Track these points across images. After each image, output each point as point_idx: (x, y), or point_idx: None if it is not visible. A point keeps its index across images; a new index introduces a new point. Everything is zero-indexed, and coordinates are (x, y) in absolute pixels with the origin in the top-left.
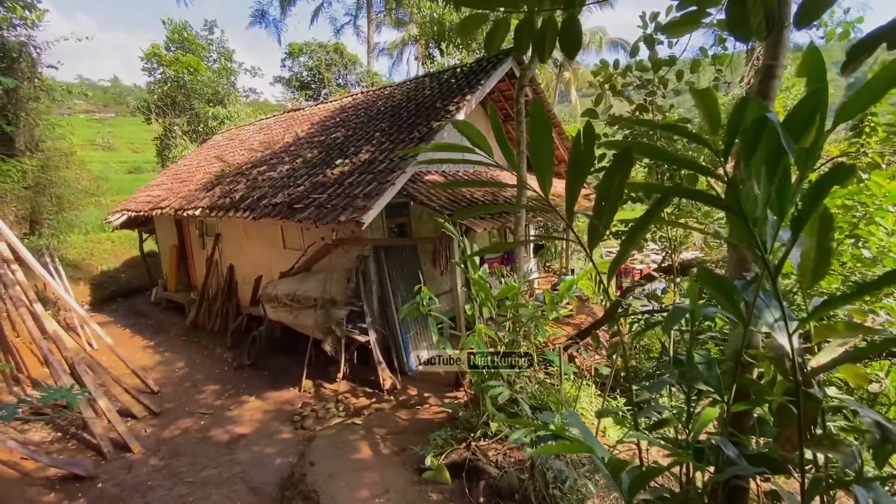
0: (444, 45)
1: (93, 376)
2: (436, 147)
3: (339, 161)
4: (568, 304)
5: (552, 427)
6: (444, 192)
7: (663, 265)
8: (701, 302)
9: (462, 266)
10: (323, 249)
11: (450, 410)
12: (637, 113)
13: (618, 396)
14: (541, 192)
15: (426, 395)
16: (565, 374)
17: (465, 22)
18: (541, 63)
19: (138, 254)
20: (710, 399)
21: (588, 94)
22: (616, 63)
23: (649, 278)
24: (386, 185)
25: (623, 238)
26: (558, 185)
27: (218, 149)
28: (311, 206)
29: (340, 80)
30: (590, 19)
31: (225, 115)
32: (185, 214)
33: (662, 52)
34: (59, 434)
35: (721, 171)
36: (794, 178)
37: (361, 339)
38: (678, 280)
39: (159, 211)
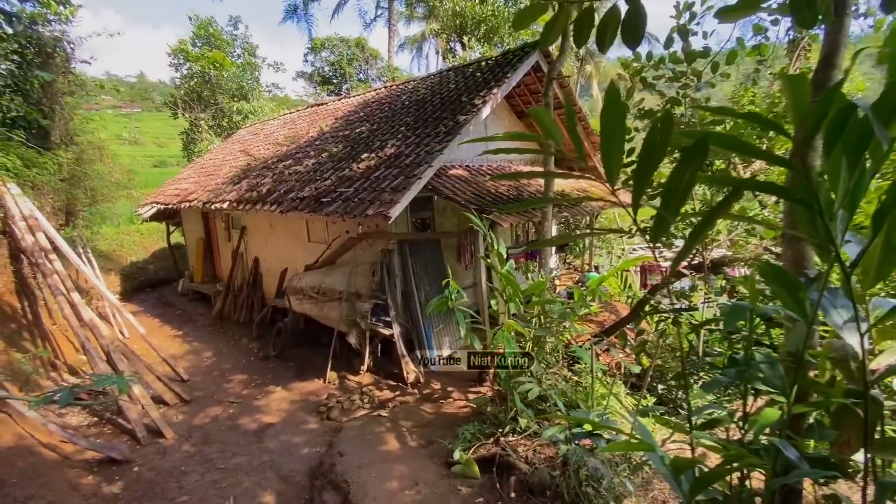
0: (465, 39)
1: (127, 364)
2: (507, 136)
3: (364, 155)
4: (594, 301)
5: (588, 424)
6: (468, 186)
7: (693, 262)
8: (733, 301)
9: (488, 261)
10: (348, 243)
11: (475, 406)
12: (668, 106)
13: (647, 395)
14: (608, 187)
15: (449, 389)
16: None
17: (522, 13)
18: (577, 46)
19: (166, 246)
20: (767, 399)
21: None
22: (649, 55)
23: (678, 275)
24: (412, 179)
25: (690, 232)
26: (581, 181)
27: (243, 143)
28: (338, 200)
29: (361, 75)
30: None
31: (249, 110)
32: (212, 207)
33: (696, 43)
34: (96, 419)
35: (796, 161)
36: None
37: (385, 332)
38: (711, 278)
39: (187, 204)
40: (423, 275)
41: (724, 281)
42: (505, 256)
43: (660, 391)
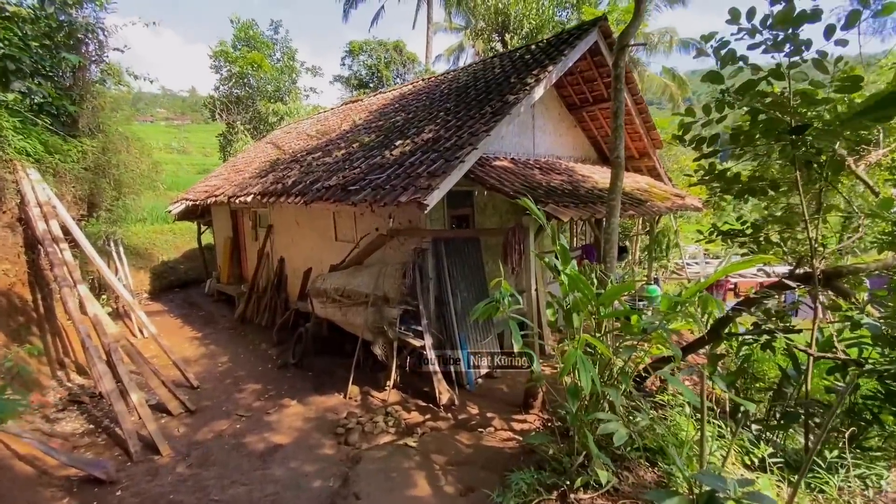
0: (508, 38)
1: (127, 365)
2: None
3: (398, 142)
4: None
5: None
6: (516, 177)
7: (796, 273)
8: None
9: (545, 259)
10: (377, 241)
11: (526, 443)
12: (767, 83)
13: (760, 440)
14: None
15: (489, 415)
16: (679, 406)
17: None
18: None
19: (196, 246)
20: None
21: (652, 101)
22: (751, 11)
23: (781, 287)
24: (454, 162)
25: None
26: (639, 180)
27: (275, 141)
28: (367, 188)
29: (398, 79)
30: (658, 19)
31: (285, 112)
32: (237, 201)
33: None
34: (92, 426)
35: None
36: None
37: (416, 342)
38: (824, 292)
39: (213, 199)
40: (459, 279)
41: (843, 297)
42: (570, 253)
43: (754, 432)
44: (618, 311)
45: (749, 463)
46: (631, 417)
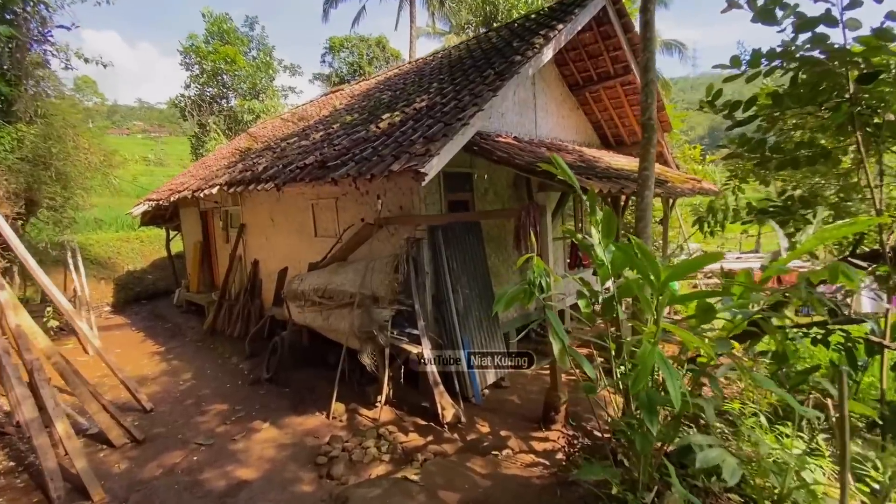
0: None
1: (51, 389)
2: None
3: (385, 116)
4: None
5: None
6: (524, 153)
7: (857, 252)
8: None
9: (580, 236)
10: (363, 232)
11: (550, 465)
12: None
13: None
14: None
15: (503, 433)
16: (744, 415)
17: None
18: None
19: (166, 254)
20: None
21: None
22: None
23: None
24: (456, 124)
25: None
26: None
27: (249, 132)
28: (350, 162)
29: None
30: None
31: (261, 109)
32: (203, 195)
33: None
34: (14, 463)
35: None
36: None
37: (411, 349)
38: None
39: (177, 195)
40: (460, 273)
41: None
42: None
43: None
44: (696, 292)
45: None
46: (728, 440)
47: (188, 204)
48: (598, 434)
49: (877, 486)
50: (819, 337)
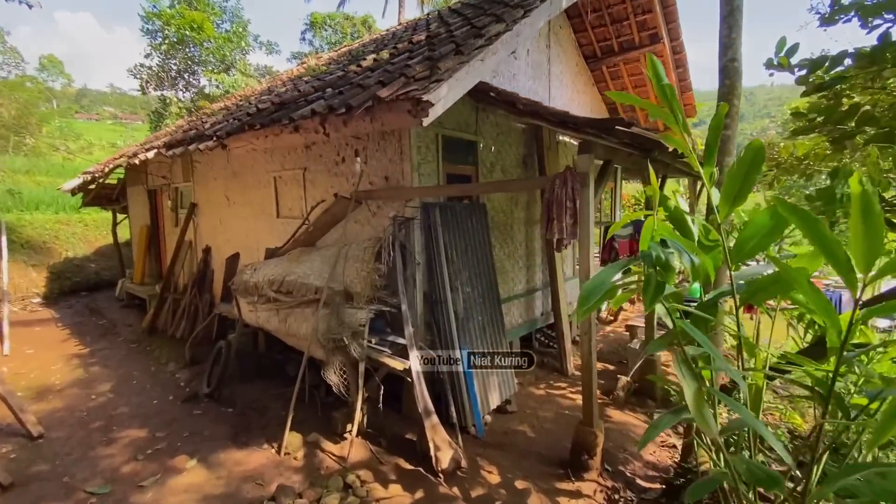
0: None
1: None
2: None
3: (371, 55)
4: None
5: None
6: (550, 113)
7: None
8: None
9: (674, 204)
10: (336, 209)
11: None
12: None
13: None
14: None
15: (519, 484)
16: None
17: None
18: None
19: (112, 240)
20: None
21: None
22: None
23: None
24: (475, 42)
25: None
26: None
27: (211, 106)
28: (320, 99)
29: None
30: None
31: (231, 84)
32: (137, 161)
33: None
34: None
35: None
36: None
37: (395, 364)
38: None
39: (111, 165)
40: (461, 266)
41: None
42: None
43: None
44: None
45: None
46: None
47: (135, 181)
48: (645, 485)
49: None
50: None
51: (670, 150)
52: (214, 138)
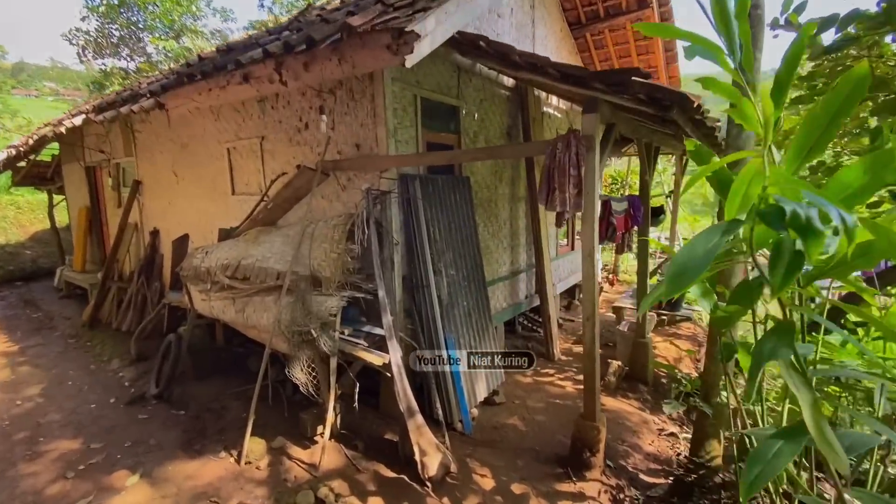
0: None
1: None
2: None
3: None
4: None
5: None
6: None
7: None
8: None
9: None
10: (299, 182)
11: None
12: None
13: None
14: None
15: (515, 488)
16: None
17: None
18: None
19: (50, 224)
20: None
21: None
22: None
23: None
24: None
25: None
26: None
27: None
28: (276, 40)
29: None
30: None
31: (179, 53)
32: (63, 129)
33: None
34: None
35: None
36: None
37: (373, 359)
38: None
39: (34, 138)
40: (444, 246)
41: None
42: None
43: None
44: None
45: None
46: None
47: (71, 158)
48: (649, 480)
49: None
50: None
51: (696, 104)
52: (148, 95)
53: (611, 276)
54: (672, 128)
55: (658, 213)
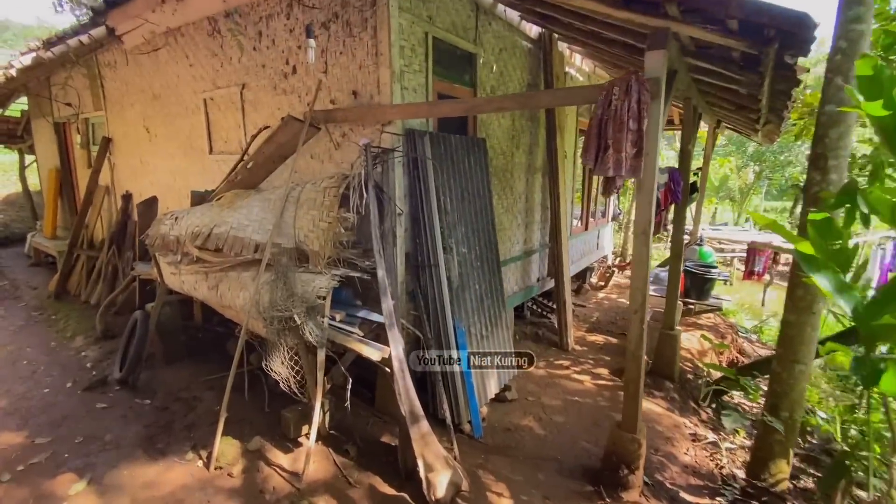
0: None
1: None
2: None
3: None
4: None
5: None
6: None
7: None
8: None
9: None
10: (283, 136)
11: None
12: None
13: None
14: None
15: None
16: None
17: None
18: None
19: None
20: None
21: None
22: None
23: None
24: None
25: None
26: None
27: None
28: None
29: None
30: None
31: None
32: (12, 72)
33: None
34: None
35: None
36: None
37: (370, 353)
38: None
39: None
40: (456, 219)
41: None
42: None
43: None
44: None
45: None
46: None
47: (39, 112)
48: (692, 500)
49: None
50: None
51: (817, 26)
52: (105, 27)
53: (618, 259)
54: (742, 83)
55: (693, 190)
